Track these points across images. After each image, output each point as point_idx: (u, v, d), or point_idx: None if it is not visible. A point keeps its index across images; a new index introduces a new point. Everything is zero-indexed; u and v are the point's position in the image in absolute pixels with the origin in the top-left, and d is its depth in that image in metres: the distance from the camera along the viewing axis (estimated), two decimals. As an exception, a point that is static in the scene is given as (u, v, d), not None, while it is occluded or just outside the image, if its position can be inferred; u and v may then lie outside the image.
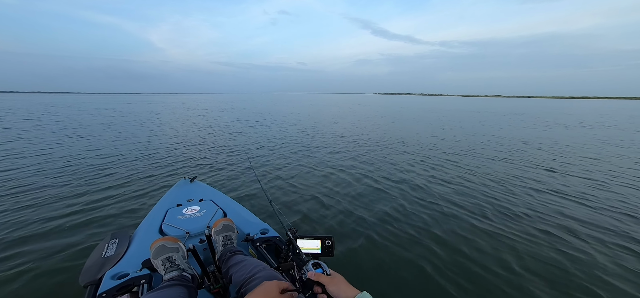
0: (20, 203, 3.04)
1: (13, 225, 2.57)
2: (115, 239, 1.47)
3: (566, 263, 2.16)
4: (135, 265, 1.21)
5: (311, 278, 0.76)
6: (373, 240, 2.44)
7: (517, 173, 4.52)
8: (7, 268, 1.97)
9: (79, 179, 3.94)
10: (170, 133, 8.73)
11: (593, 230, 2.67)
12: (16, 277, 1.89)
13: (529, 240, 2.47)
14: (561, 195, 3.58)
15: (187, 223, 1.54)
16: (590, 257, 2.25)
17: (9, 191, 3.42)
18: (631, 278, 1.99)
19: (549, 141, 7.87)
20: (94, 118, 13.22)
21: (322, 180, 4.08)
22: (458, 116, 16.81)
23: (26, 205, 3.03)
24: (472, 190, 3.70)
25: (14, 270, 1.95)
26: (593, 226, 2.75)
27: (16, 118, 12.64)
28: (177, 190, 2.12)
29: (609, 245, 2.41)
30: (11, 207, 2.95)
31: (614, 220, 2.86)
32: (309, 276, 0.77)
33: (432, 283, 1.92)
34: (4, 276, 1.90)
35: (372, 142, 7.34)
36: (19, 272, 1.94)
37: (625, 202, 3.37)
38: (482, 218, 2.88)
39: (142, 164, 4.88)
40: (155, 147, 6.46)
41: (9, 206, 2.98)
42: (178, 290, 0.96)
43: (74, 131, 8.64)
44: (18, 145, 6.36)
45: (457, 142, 7.50)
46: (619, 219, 2.89)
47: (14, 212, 2.85)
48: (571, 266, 2.12)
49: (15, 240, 2.34)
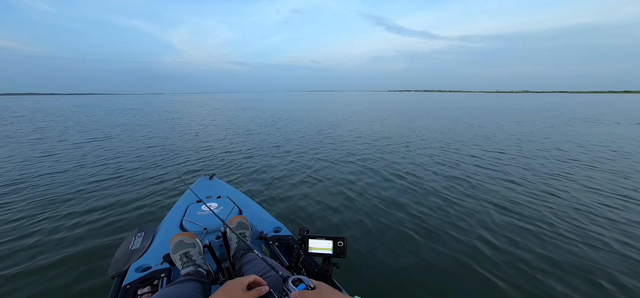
0: (55, 200, 3.31)
1: (51, 220, 2.81)
2: (141, 232, 1.55)
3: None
4: (157, 259, 1.27)
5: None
6: (390, 247, 2.34)
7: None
8: (47, 258, 2.15)
9: (112, 176, 4.23)
10: (191, 131, 9.13)
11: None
12: (54, 266, 2.05)
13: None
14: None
15: (205, 219, 1.59)
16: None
17: (50, 188, 3.75)
18: None
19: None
20: (125, 117, 14.15)
21: (339, 181, 4.03)
22: (482, 114, 15.96)
23: (66, 198, 3.31)
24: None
25: (51, 259, 2.13)
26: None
27: (56, 120, 13.76)
28: (197, 187, 2.20)
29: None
30: (50, 201, 3.24)
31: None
32: (292, 296, 0.69)
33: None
34: (44, 264, 2.07)
35: (396, 142, 7.07)
36: (57, 261, 2.11)
37: None
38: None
39: (169, 161, 5.17)
40: (179, 144, 6.81)
41: (48, 201, 3.28)
42: (193, 285, 0.98)
43: (105, 131, 9.31)
44: (60, 145, 6.93)
45: (487, 140, 7.14)
46: None
47: (54, 204, 3.13)
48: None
49: (52, 232, 2.56)
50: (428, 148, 6.26)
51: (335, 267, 1.04)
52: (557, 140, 7.23)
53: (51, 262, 2.08)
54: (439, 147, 6.34)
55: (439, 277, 1.97)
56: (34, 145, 6.64)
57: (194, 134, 8.61)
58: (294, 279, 0.74)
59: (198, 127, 10.36)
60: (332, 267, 1.02)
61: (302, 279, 0.74)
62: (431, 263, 2.11)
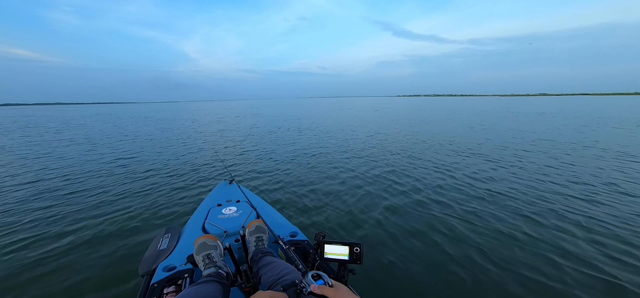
0: (91, 201, 3.53)
1: (88, 219, 3.01)
2: (168, 233, 1.64)
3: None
4: (182, 259, 1.34)
5: (314, 292, 0.71)
6: (410, 257, 2.24)
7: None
8: (82, 256, 2.29)
9: (141, 180, 4.49)
10: (212, 138, 9.50)
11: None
12: (89, 265, 2.17)
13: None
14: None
15: (226, 222, 1.65)
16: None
17: (86, 192, 3.99)
18: None
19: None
20: (149, 125, 14.74)
21: (358, 187, 3.97)
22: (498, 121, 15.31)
23: (98, 201, 3.52)
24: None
25: (86, 258, 2.25)
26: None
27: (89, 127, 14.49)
28: (218, 191, 2.29)
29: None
30: (85, 204, 3.46)
31: None
32: (311, 289, 0.71)
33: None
34: (79, 263, 2.20)
35: (406, 152, 6.75)
36: (91, 259, 2.24)
37: None
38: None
39: (193, 166, 5.40)
40: (201, 150, 7.10)
41: (85, 204, 3.49)
42: (214, 286, 1.02)
43: (134, 138, 9.82)
44: (93, 153, 7.34)
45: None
46: None
47: (89, 209, 3.31)
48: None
49: (83, 232, 2.71)
50: (455, 154, 6.08)
51: (352, 274, 1.01)
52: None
53: (88, 259, 2.22)
54: (474, 154, 6.03)
55: (459, 291, 1.88)
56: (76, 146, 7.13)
57: (214, 141, 8.91)
58: (314, 274, 0.75)
59: (216, 134, 10.70)
60: (348, 273, 1.00)
61: (321, 275, 0.75)
62: (456, 278, 2.00)
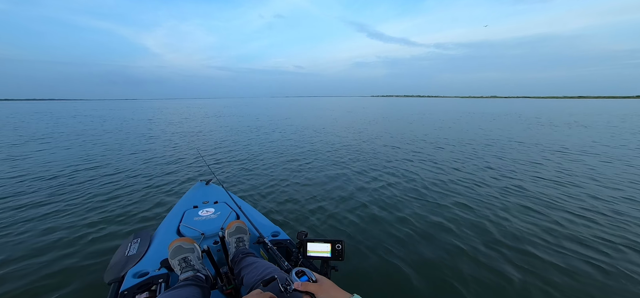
0: (52, 208, 3.15)
1: (42, 224, 2.70)
2: (137, 238, 1.52)
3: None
4: (154, 264, 1.26)
5: (298, 289, 0.72)
6: (386, 248, 2.36)
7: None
8: (37, 264, 2.06)
9: (106, 183, 4.09)
10: (185, 138, 8.87)
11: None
12: (48, 274, 1.97)
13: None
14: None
15: (203, 224, 1.59)
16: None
17: (45, 195, 3.57)
18: None
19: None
20: (113, 124, 13.26)
21: (336, 185, 4.05)
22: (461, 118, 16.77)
23: (55, 210, 3.13)
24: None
25: (45, 268, 2.04)
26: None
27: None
28: (194, 193, 2.19)
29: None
30: (46, 210, 3.08)
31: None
32: (295, 287, 0.73)
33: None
34: (33, 271, 1.99)
35: (379, 148, 7.16)
36: (50, 268, 2.03)
37: None
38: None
39: (162, 168, 5.02)
40: (172, 152, 6.58)
41: (42, 208, 3.11)
42: (192, 290, 0.99)
43: (100, 134, 8.84)
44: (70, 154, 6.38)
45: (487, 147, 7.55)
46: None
47: (43, 216, 2.95)
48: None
49: (43, 238, 2.45)
50: (418, 151, 6.52)
51: (334, 270, 1.03)
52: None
53: (47, 271, 2.00)
54: (438, 147, 6.58)
55: (436, 274, 2.03)
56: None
57: (187, 140, 8.36)
58: (298, 271, 0.77)
59: (189, 133, 10.05)
60: (330, 270, 1.02)
61: (305, 271, 0.76)
62: (429, 262, 2.16)
